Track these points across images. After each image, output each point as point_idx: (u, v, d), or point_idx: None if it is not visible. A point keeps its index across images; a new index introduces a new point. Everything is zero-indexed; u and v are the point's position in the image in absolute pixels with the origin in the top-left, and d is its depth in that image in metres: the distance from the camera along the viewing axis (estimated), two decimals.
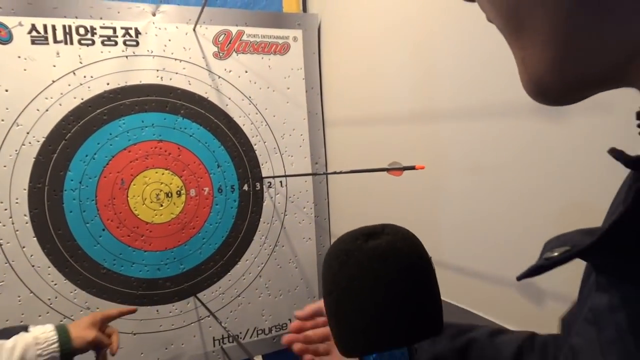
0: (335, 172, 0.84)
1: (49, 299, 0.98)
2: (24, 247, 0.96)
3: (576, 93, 0.20)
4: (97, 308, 1.02)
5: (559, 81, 0.20)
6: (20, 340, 0.66)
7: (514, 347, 0.43)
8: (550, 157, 0.61)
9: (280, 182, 1.19)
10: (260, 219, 1.17)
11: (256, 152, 1.16)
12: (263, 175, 1.17)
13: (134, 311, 0.84)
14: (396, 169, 0.64)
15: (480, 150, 0.73)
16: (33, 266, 0.97)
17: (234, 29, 1.12)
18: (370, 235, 0.31)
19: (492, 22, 0.23)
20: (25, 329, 0.69)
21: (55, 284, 0.99)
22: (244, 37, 1.13)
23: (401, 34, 0.90)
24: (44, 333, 0.68)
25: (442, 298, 0.31)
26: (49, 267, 0.98)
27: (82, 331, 0.72)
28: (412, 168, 0.62)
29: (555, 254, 0.20)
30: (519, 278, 0.22)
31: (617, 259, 0.20)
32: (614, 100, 0.47)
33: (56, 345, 0.68)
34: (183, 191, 1.09)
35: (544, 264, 0.21)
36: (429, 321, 0.30)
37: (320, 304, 0.54)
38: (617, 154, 0.21)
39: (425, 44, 0.84)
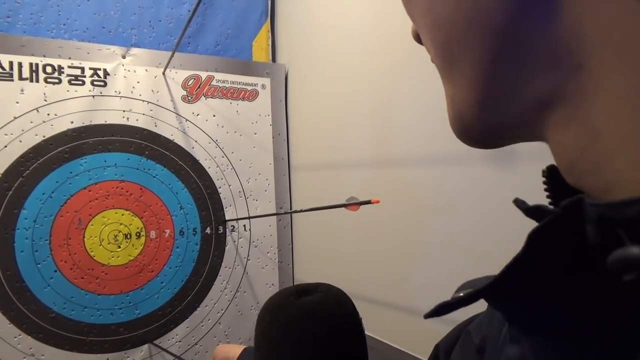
0: (296, 211, 0.85)
1: None
2: None
3: (496, 137, 0.22)
4: (42, 355, 0.96)
5: (479, 122, 0.21)
6: None
7: None
8: (497, 200, 0.63)
9: (244, 226, 1.18)
10: (222, 264, 1.15)
11: (220, 195, 1.16)
12: (226, 219, 1.16)
13: None
14: (353, 204, 0.66)
15: (433, 191, 0.75)
16: None
17: (203, 74, 1.14)
18: (304, 292, 0.32)
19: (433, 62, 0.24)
20: None
21: None
22: (214, 82, 1.15)
23: (363, 87, 0.94)
24: None
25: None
26: None
27: None
28: (368, 202, 0.63)
29: (461, 294, 0.21)
30: (426, 316, 0.23)
31: (521, 307, 0.21)
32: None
33: None
34: (143, 233, 1.07)
35: (448, 303, 0.22)
36: None
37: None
38: (519, 203, 0.22)
39: (384, 97, 0.88)
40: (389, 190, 0.87)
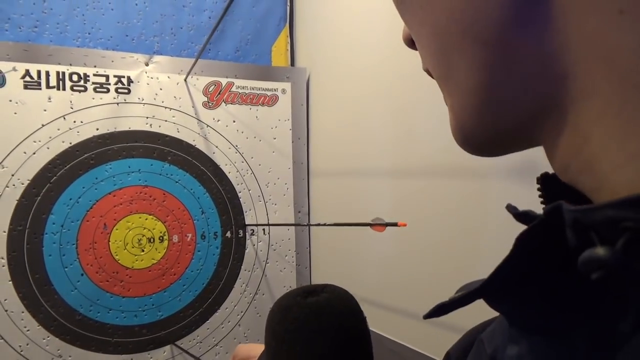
0: (319, 224, 0.86)
1: (20, 346, 0.96)
2: None
3: (496, 145, 0.22)
4: (70, 356, 0.99)
5: (479, 129, 0.21)
6: None
7: None
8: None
9: (263, 230, 1.20)
10: (242, 267, 1.17)
11: (240, 199, 1.17)
12: (246, 223, 1.18)
13: None
14: (379, 225, 0.66)
15: (455, 208, 0.76)
16: (6, 311, 0.95)
17: (224, 81, 1.16)
18: (310, 292, 0.34)
19: (426, 70, 0.25)
20: None
21: (28, 330, 0.96)
22: (234, 89, 1.17)
23: (384, 91, 0.95)
24: None
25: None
26: (22, 312, 0.96)
27: None
28: (395, 225, 0.64)
29: (457, 295, 0.22)
30: (425, 317, 0.24)
31: (519, 308, 0.21)
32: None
33: None
34: (166, 237, 1.09)
35: (445, 304, 0.22)
36: None
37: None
38: (510, 209, 0.23)
39: (406, 101, 0.89)
40: (409, 198, 0.88)
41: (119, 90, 1.05)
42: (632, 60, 0.15)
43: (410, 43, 0.26)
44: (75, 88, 1.01)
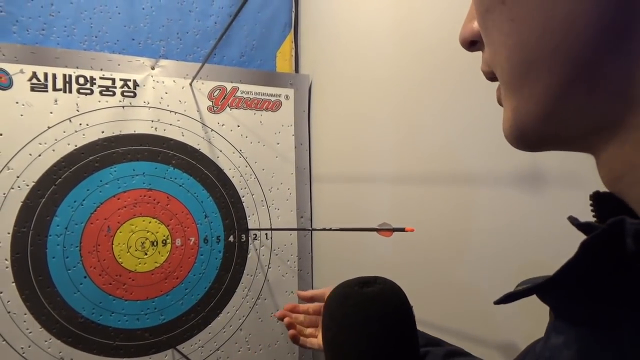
0: (324, 229, 0.86)
1: (22, 348, 0.95)
2: (1, 293, 0.94)
3: (547, 145, 0.25)
4: (71, 359, 0.99)
5: (538, 134, 0.24)
6: None
7: None
8: (527, 224, 0.65)
9: (266, 234, 1.21)
10: (244, 271, 1.17)
11: (244, 204, 1.18)
12: (249, 227, 1.18)
13: None
14: (386, 230, 0.67)
15: (457, 213, 0.77)
16: (9, 312, 0.94)
17: (229, 85, 1.17)
18: (365, 283, 0.39)
19: (488, 71, 0.26)
20: None
21: (30, 332, 0.96)
22: (238, 93, 1.18)
23: (386, 100, 0.96)
24: None
25: None
26: (25, 314, 0.96)
27: None
28: (402, 230, 0.65)
29: (519, 288, 0.25)
30: (496, 302, 0.27)
31: (569, 303, 0.25)
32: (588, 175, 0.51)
33: None
34: (169, 240, 1.09)
35: (510, 295, 0.25)
36: (406, 353, 0.37)
37: (321, 290, 0.68)
38: (572, 220, 0.26)
39: (407, 111, 0.89)
40: (410, 203, 0.88)
41: (125, 93, 1.06)
42: None
43: (469, 45, 0.27)
44: (81, 91, 1.02)
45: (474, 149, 0.74)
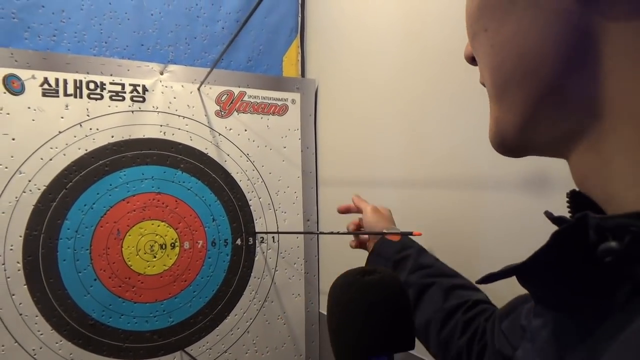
0: (332, 233, 0.87)
1: (34, 349, 0.97)
2: (13, 295, 0.95)
3: (527, 151, 0.29)
4: None
5: (517, 140, 0.28)
6: None
7: (461, 300, 0.58)
8: (534, 227, 0.66)
9: (273, 237, 1.22)
10: (251, 274, 1.18)
11: (251, 207, 1.19)
12: (256, 231, 1.19)
13: None
14: (394, 234, 0.68)
15: (462, 216, 0.77)
16: (21, 315, 0.96)
17: (236, 90, 1.18)
18: (367, 272, 0.43)
19: (483, 84, 0.30)
20: None
21: (42, 334, 0.97)
22: (245, 98, 1.19)
23: (392, 104, 0.97)
24: None
25: None
26: (36, 316, 0.97)
27: None
28: (410, 234, 0.66)
29: (499, 270, 0.29)
30: (477, 282, 0.31)
31: (544, 289, 0.28)
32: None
33: None
34: (177, 243, 1.10)
35: (490, 275, 0.29)
36: (404, 336, 0.41)
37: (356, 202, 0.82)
38: (548, 214, 0.30)
39: (414, 115, 0.90)
40: (415, 207, 0.89)
41: (134, 98, 1.07)
42: None
43: (472, 60, 0.32)
44: (91, 96, 1.03)
45: (481, 153, 0.75)
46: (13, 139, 0.96)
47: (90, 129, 1.03)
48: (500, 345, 0.48)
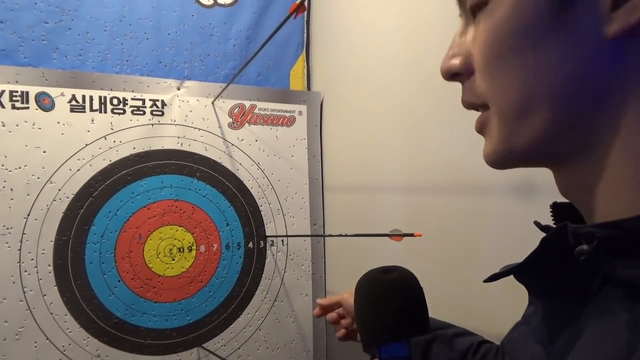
0: (339, 235, 0.95)
1: (63, 346, 1.05)
2: (45, 295, 1.04)
3: (515, 162, 0.31)
4: (107, 356, 1.08)
5: (525, 153, 0.30)
6: None
7: (466, 346, 0.62)
8: (534, 232, 0.73)
9: (282, 241, 1.30)
10: (263, 275, 1.26)
11: (262, 212, 1.27)
12: (267, 234, 1.27)
13: None
14: (397, 235, 0.76)
15: (464, 221, 0.85)
16: (51, 314, 1.04)
17: (247, 103, 1.26)
18: (388, 271, 0.51)
19: (473, 102, 0.35)
20: None
21: (70, 332, 1.05)
22: (256, 110, 1.27)
23: (395, 113, 1.04)
24: None
25: None
26: (65, 315, 1.05)
27: None
28: (411, 235, 0.73)
29: (501, 270, 0.36)
30: (485, 281, 0.37)
31: (536, 282, 0.35)
32: None
33: None
34: (194, 247, 1.19)
35: (495, 275, 0.36)
36: (420, 323, 0.48)
37: (336, 297, 0.81)
38: (537, 224, 0.36)
39: (417, 124, 0.98)
40: (417, 212, 0.97)
41: (154, 112, 1.16)
42: None
43: (450, 77, 0.35)
44: (115, 111, 1.12)
45: (481, 161, 0.81)
46: (44, 152, 1.05)
47: (114, 141, 1.11)
48: None
